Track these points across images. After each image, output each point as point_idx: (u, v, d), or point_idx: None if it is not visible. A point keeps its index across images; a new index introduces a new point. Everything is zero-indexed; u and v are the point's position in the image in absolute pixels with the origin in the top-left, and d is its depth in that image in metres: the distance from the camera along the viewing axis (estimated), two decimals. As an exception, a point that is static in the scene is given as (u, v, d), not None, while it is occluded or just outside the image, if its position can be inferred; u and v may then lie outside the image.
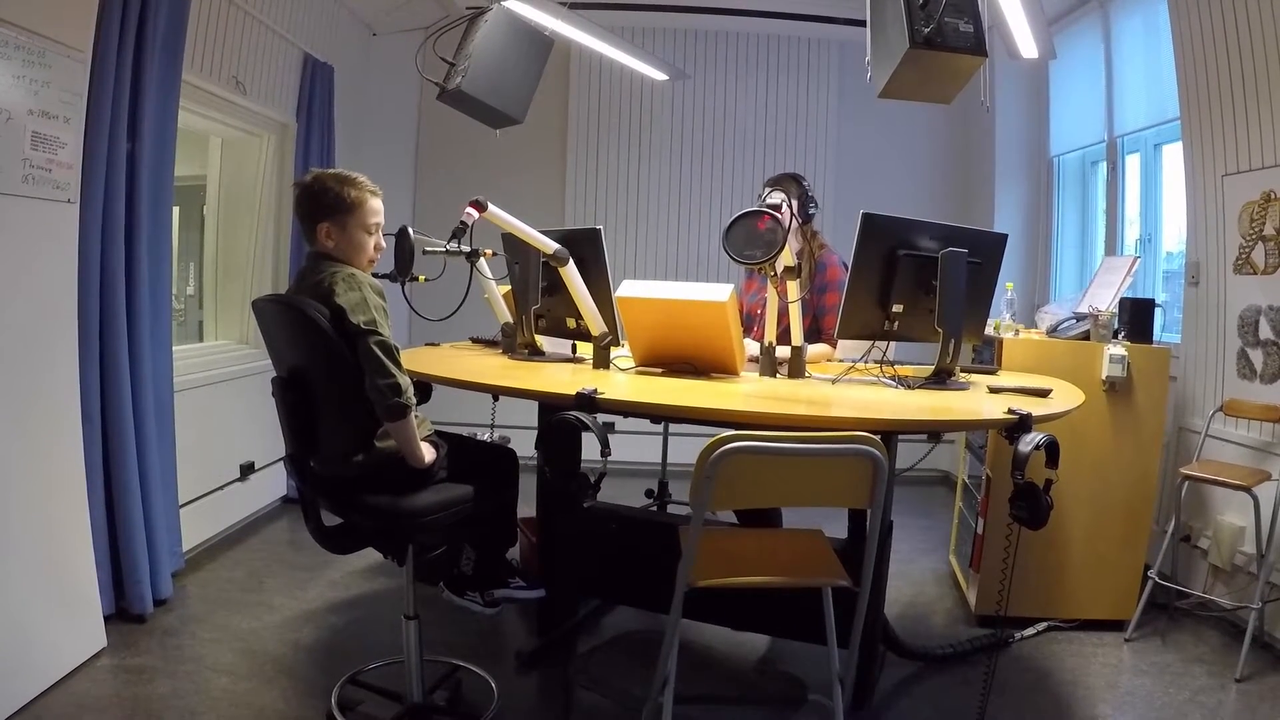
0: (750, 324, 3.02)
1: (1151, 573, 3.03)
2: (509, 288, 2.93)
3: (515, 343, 2.86)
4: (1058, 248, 4.83)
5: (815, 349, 2.83)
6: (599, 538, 2.76)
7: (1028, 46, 3.29)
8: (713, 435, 1.58)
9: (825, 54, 5.24)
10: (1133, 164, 4.15)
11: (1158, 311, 3.18)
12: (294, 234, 4.10)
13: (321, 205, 2.00)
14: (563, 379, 2.35)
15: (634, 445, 3.95)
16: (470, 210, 2.35)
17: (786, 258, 2.36)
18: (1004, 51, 3.48)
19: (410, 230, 2.28)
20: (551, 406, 2.19)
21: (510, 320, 2.93)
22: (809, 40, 5.24)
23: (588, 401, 1.93)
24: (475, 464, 2.19)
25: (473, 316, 2.71)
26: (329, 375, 1.94)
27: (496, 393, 2.34)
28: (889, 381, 2.35)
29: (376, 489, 2.00)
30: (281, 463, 2.73)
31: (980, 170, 5.14)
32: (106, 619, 2.66)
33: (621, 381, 2.35)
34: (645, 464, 4.29)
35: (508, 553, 2.62)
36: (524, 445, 2.32)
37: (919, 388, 2.28)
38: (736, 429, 1.61)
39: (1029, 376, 2.58)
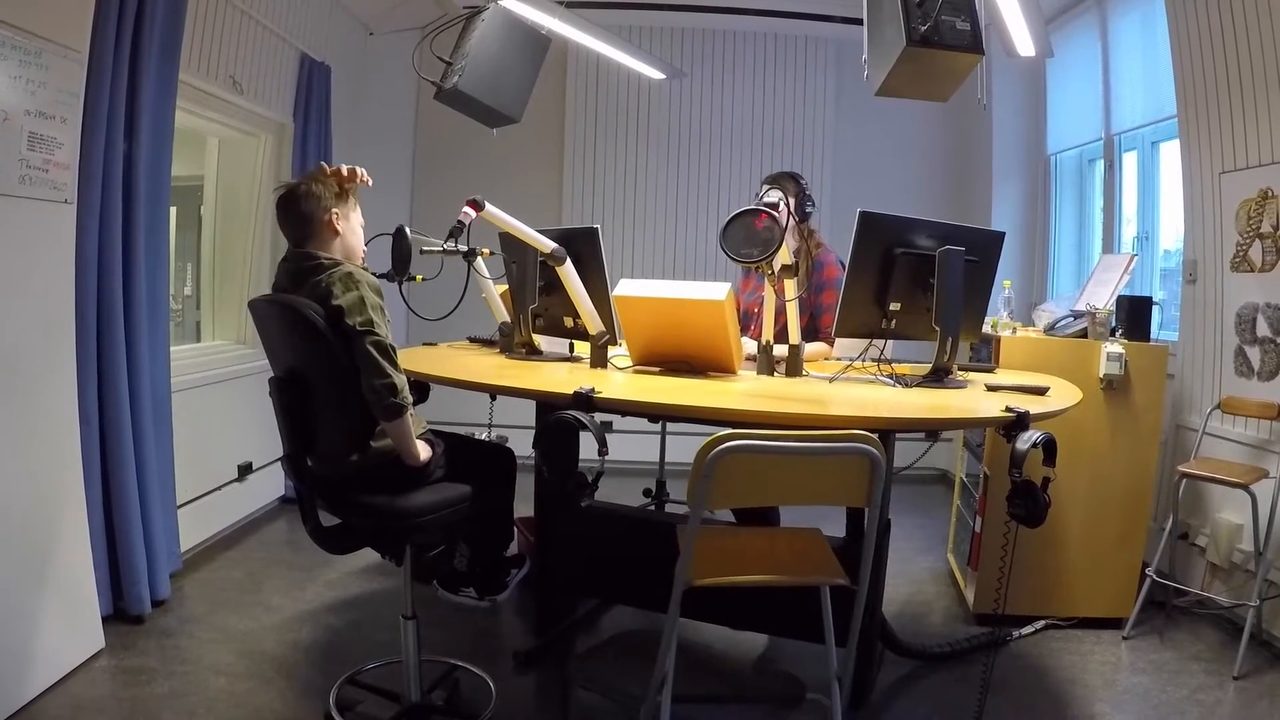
0: (747, 322, 3.02)
1: (1149, 570, 3.03)
2: (506, 287, 2.93)
3: (513, 342, 2.86)
4: (1055, 246, 4.83)
5: (813, 347, 2.82)
6: (597, 537, 2.76)
7: (1025, 44, 3.29)
8: (710, 434, 1.58)
9: (822, 52, 5.24)
10: (1130, 162, 4.15)
11: (1155, 309, 3.17)
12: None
13: (331, 194, 2.06)
14: (560, 378, 2.35)
15: (632, 444, 3.95)
16: (467, 209, 2.34)
17: (784, 256, 2.36)
18: (1001, 49, 3.49)
19: (407, 229, 2.28)
20: (549, 406, 2.19)
21: (508, 319, 2.93)
22: (806, 39, 5.24)
23: (585, 401, 1.93)
24: (472, 463, 2.19)
25: (470, 316, 2.71)
26: (326, 375, 1.94)
27: (494, 392, 2.34)
28: (886, 380, 2.35)
29: (373, 489, 2.00)
30: (279, 463, 2.72)
31: (977, 168, 5.14)
32: (104, 620, 2.66)
33: (619, 380, 2.35)
34: (643, 463, 4.29)
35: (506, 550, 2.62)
36: (522, 445, 2.32)
37: (916, 386, 2.28)
38: (734, 428, 1.61)
39: (1026, 374, 2.58)
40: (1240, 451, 3.08)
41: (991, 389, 2.26)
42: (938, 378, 2.32)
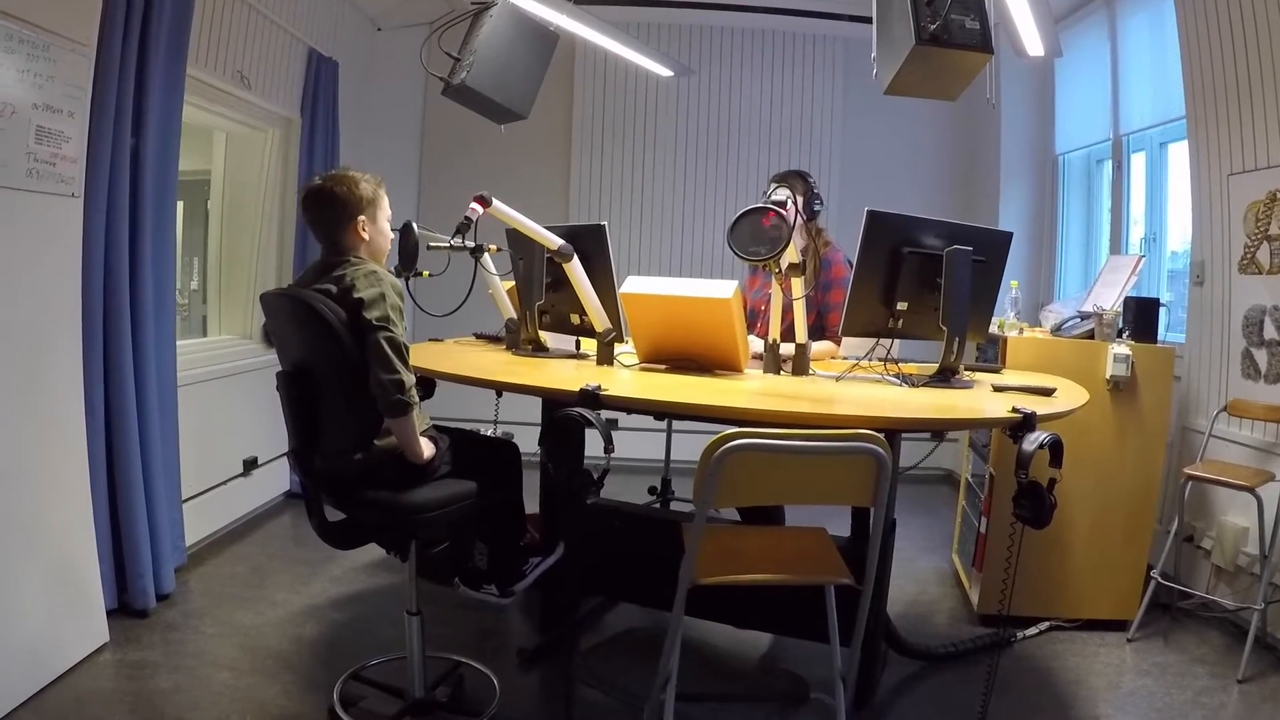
0: (754, 321, 3.01)
1: (1154, 573, 3.02)
2: (513, 283, 2.93)
3: (519, 339, 2.86)
4: (1062, 246, 4.82)
5: (819, 346, 2.82)
6: (602, 535, 2.75)
7: (1034, 44, 3.28)
8: (716, 432, 1.58)
9: (831, 50, 5.23)
10: (1138, 162, 4.14)
11: (1162, 311, 3.16)
12: (299, 229, 4.11)
13: (358, 198, 2.05)
14: (566, 375, 2.35)
15: (637, 442, 3.95)
16: (475, 206, 2.34)
17: (791, 254, 2.36)
18: (1010, 49, 3.47)
19: (415, 226, 2.29)
20: (555, 403, 2.19)
21: (514, 316, 2.93)
22: (814, 37, 5.22)
23: (591, 398, 1.93)
24: (478, 459, 2.19)
25: (477, 312, 2.71)
26: (334, 371, 1.95)
27: (500, 389, 2.34)
28: (893, 379, 2.34)
29: (378, 485, 2.00)
30: (285, 458, 2.72)
31: (985, 168, 5.13)
32: (109, 614, 2.67)
33: (625, 378, 2.35)
34: (648, 461, 4.28)
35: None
36: (527, 442, 2.32)
37: (923, 386, 2.27)
38: (740, 426, 1.61)
39: (1033, 375, 2.57)
40: (1246, 454, 3.07)
41: (998, 389, 2.26)
42: (944, 378, 2.32)
